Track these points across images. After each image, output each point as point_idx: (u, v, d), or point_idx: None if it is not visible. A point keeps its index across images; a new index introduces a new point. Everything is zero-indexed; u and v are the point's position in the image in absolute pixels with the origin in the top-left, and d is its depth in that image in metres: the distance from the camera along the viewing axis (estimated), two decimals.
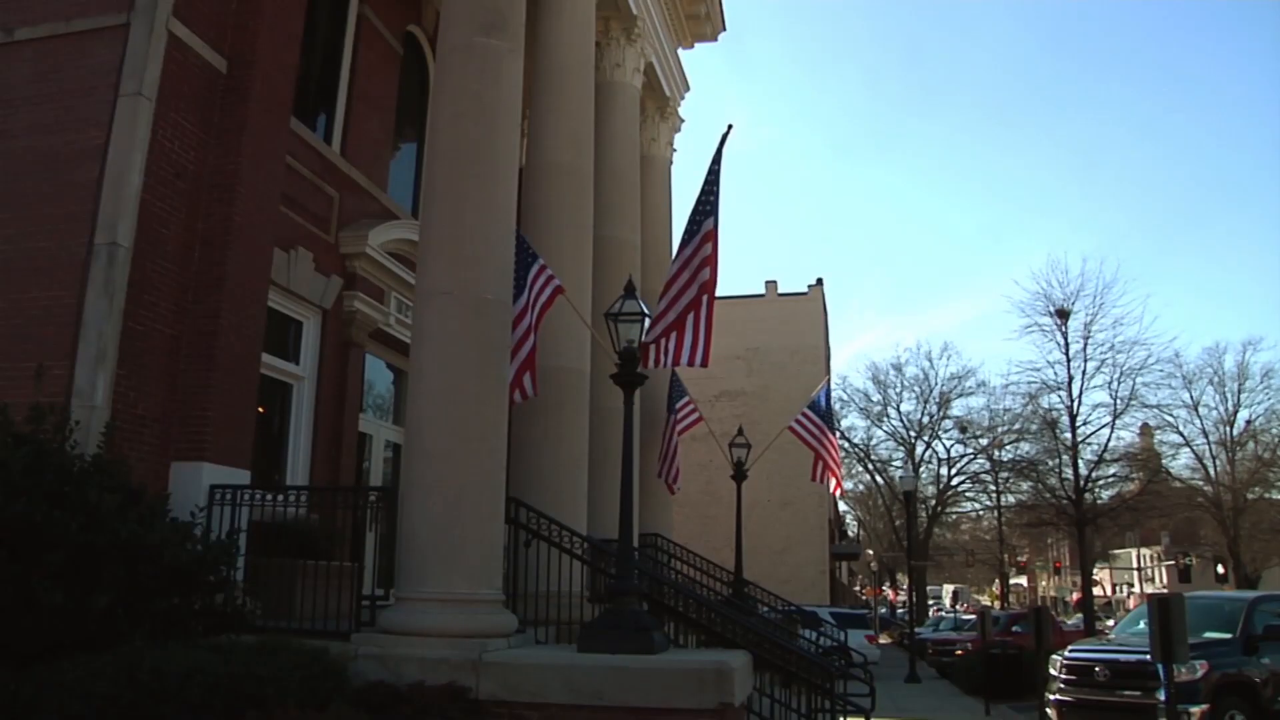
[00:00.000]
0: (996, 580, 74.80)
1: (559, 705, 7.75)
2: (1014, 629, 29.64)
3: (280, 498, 9.97)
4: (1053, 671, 15.94)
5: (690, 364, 10.96)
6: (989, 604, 72.15)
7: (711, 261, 10.37)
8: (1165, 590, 46.70)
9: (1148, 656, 11.85)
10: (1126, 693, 14.41)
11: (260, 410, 10.87)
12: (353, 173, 13.47)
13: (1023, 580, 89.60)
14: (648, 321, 9.61)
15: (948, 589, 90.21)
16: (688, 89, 21.36)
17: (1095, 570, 57.17)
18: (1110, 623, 42.89)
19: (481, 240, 9.42)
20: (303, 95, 12.23)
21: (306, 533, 9.89)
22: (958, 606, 74.24)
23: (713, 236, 10.49)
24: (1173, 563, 62.03)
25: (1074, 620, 43.62)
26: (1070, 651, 16.10)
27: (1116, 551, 76.01)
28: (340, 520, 10.07)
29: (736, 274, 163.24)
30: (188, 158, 10.12)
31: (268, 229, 10.76)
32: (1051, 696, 15.65)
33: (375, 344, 14.07)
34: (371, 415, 14.32)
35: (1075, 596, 73.93)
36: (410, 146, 16.27)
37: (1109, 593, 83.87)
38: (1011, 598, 77.10)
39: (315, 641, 7.84)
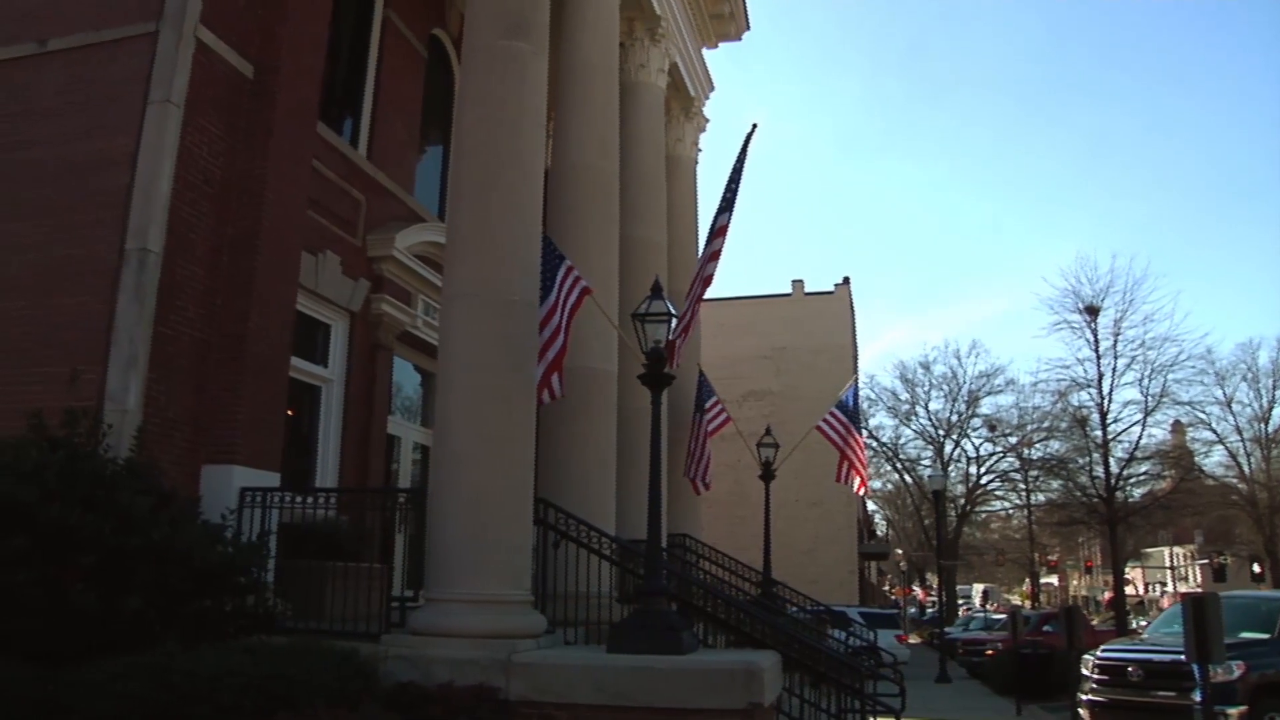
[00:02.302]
0: (1027, 579, 74.42)
1: (588, 706, 7.75)
2: (1045, 628, 29.40)
3: (310, 500, 10.02)
4: (1085, 672, 15.79)
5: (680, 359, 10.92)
6: (1019, 603, 71.70)
7: (718, 255, 10.40)
8: (1199, 589, 46.28)
9: (1182, 657, 11.69)
10: (1161, 694, 14.24)
11: (289, 413, 10.93)
12: (379, 176, 13.54)
13: (1053, 579, 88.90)
14: (674, 321, 9.59)
15: (978, 588, 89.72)
16: (712, 88, 21.33)
17: (1127, 569, 56.71)
18: (1143, 622, 42.53)
19: (508, 242, 9.44)
20: (329, 99, 12.30)
21: (336, 534, 9.95)
22: (988, 606, 73.72)
23: (724, 231, 10.50)
24: (1207, 561, 61.49)
25: (1106, 620, 43.22)
26: (1103, 651, 15.95)
27: (1149, 550, 75.41)
28: (369, 522, 10.12)
29: (760, 273, 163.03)
30: (215, 163, 10.20)
31: (295, 233, 10.82)
32: (1084, 697, 15.52)
33: (403, 346, 14.13)
34: (400, 417, 14.38)
35: (1107, 596, 73.31)
36: (436, 149, 16.33)
37: (1141, 592, 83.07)
38: (1042, 597, 76.64)
39: (345, 643, 7.88)
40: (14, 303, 9.66)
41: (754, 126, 10.91)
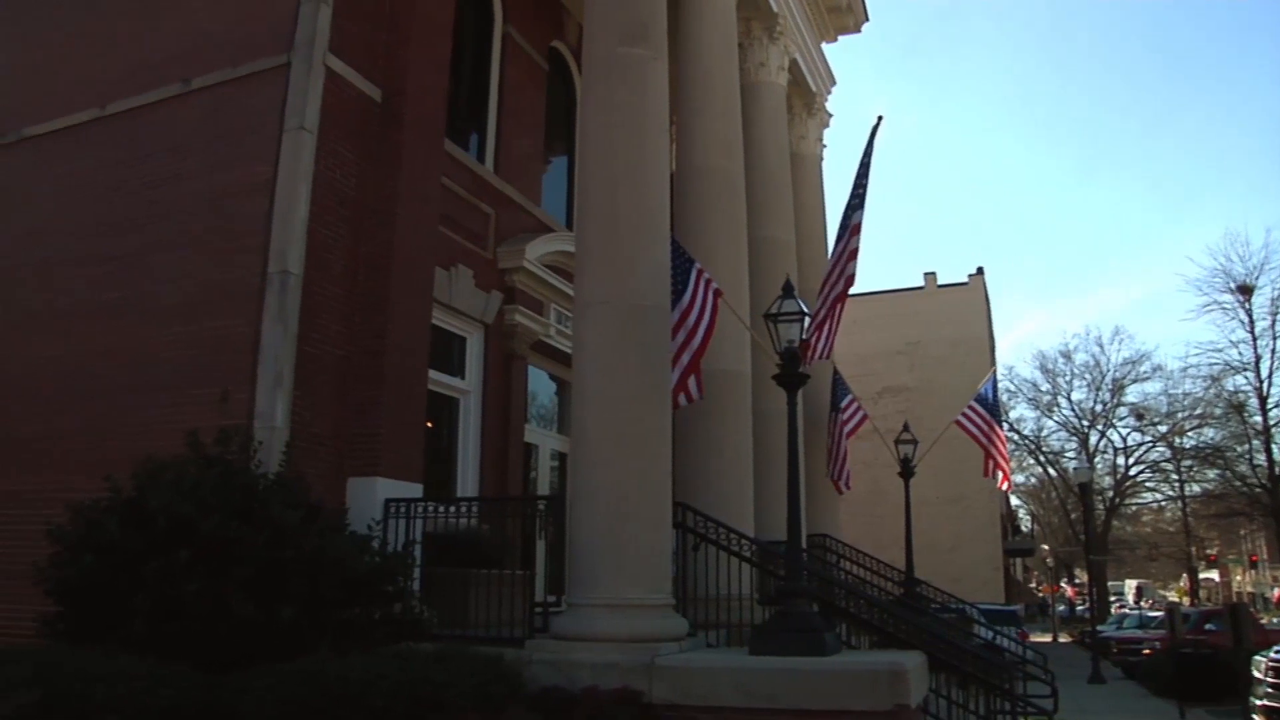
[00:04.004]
0: (1184, 575, 71.18)
1: (731, 708, 7.69)
2: (1206, 627, 27.99)
3: (452, 509, 10.23)
4: (1257, 674, 14.99)
5: (819, 359, 10.78)
6: (1177, 600, 68.63)
7: (855, 254, 10.24)
8: None
9: None
10: None
11: (429, 424, 11.16)
12: (506, 189, 13.76)
13: (1213, 575, 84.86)
14: (807, 320, 9.49)
15: (1130, 584, 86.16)
16: (833, 83, 21.08)
17: None
18: None
19: (636, 248, 9.48)
20: (454, 117, 12.56)
21: (478, 542, 10.11)
22: (1142, 603, 70.78)
23: (859, 229, 10.35)
24: None
25: (1277, 619, 41.02)
26: (1278, 652, 15.10)
27: None
28: (510, 529, 10.26)
29: (890, 266, 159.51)
30: (349, 185, 10.51)
31: (428, 249, 11.07)
32: (1258, 701, 14.73)
33: (537, 355, 14.32)
34: (536, 425, 14.57)
35: (1278, 593, 69.72)
36: (561, 160, 16.52)
37: None
38: (1202, 593, 73.20)
39: (490, 648, 7.98)
40: (169, 329, 10.15)
41: (879, 119, 10.70)
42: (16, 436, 10.88)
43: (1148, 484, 55.43)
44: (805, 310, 9.41)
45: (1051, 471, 57.73)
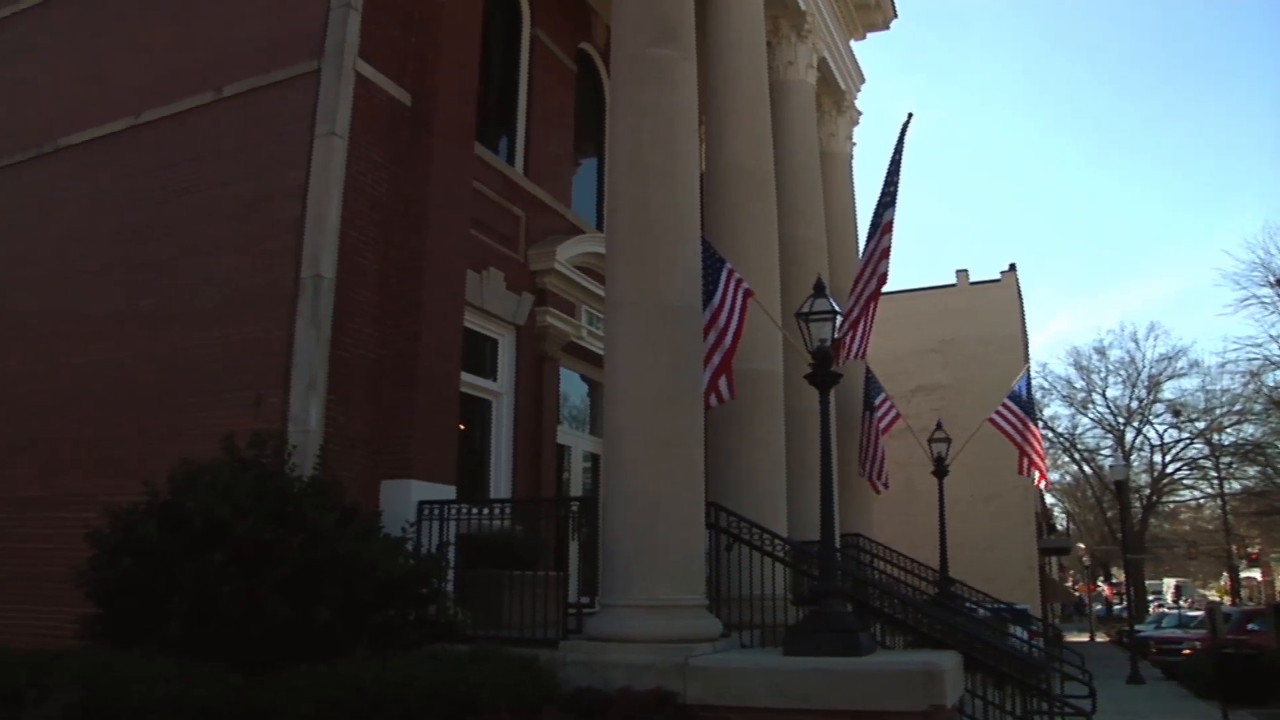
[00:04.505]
0: (1224, 573, 70.26)
1: (766, 709, 7.66)
2: (1249, 627, 27.58)
3: (485, 511, 10.25)
4: None
5: (854, 358, 10.73)
6: (1218, 599, 67.76)
7: (888, 253, 10.19)
8: None
9: None
10: None
11: (461, 427, 11.20)
12: (537, 191, 13.80)
13: (1255, 574, 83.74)
14: (839, 319, 9.45)
15: (1168, 583, 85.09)
16: (863, 80, 20.99)
17: None
18: None
19: (666, 248, 9.47)
20: (484, 119, 12.59)
21: (511, 544, 10.13)
22: (1181, 602, 69.93)
23: (891, 228, 10.30)
24: None
25: None
26: None
27: None
28: (543, 531, 10.28)
29: (922, 264, 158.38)
30: (380, 189, 10.58)
31: (459, 252, 11.11)
32: None
33: (569, 357, 14.34)
34: (568, 427, 14.59)
35: None
36: (590, 161, 16.55)
37: None
38: (1243, 592, 72.23)
39: (524, 649, 8.01)
40: (204, 333, 10.26)
41: (909, 116, 10.65)
42: (63, 441, 11.04)
43: (1185, 481, 54.78)
44: (837, 309, 9.36)
45: (1087, 469, 57.15)
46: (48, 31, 13.37)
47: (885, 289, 10.83)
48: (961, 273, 46.70)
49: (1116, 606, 67.13)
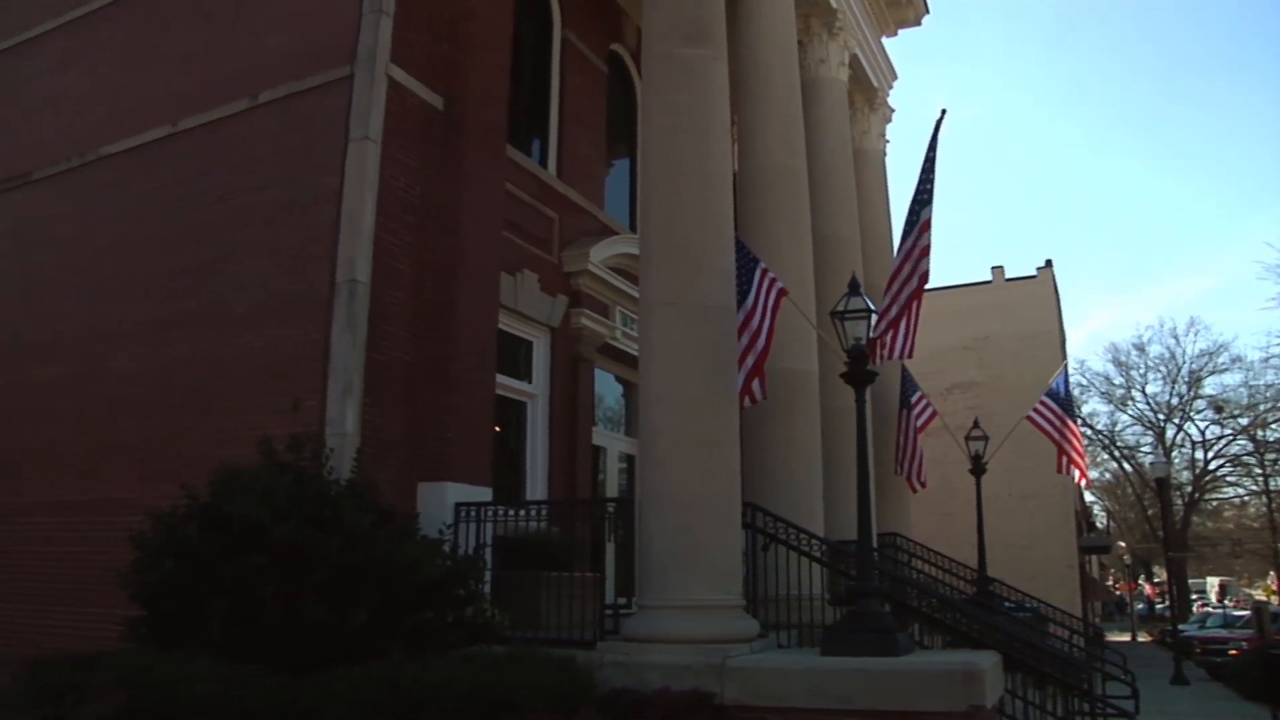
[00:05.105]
0: (1271, 572, 69.15)
1: (803, 710, 7.64)
2: None
3: (521, 512, 10.27)
4: None
5: (900, 357, 10.67)
6: (1265, 599, 66.67)
7: (928, 251, 10.12)
8: None
9: None
10: None
11: (497, 429, 11.25)
12: (570, 193, 13.83)
13: None
14: (874, 317, 9.40)
15: (1212, 582, 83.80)
16: (895, 77, 20.86)
17: None
18: None
19: (699, 249, 9.46)
20: (515, 122, 12.63)
21: (548, 545, 10.16)
22: (1226, 601, 68.88)
23: (929, 226, 10.23)
24: None
25: None
26: None
27: None
28: (579, 532, 10.29)
29: (956, 261, 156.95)
30: (414, 193, 10.64)
31: (493, 254, 11.16)
32: None
33: (603, 358, 14.36)
34: (603, 428, 14.61)
35: None
36: (623, 162, 16.56)
37: None
38: None
39: (561, 650, 8.01)
40: (242, 338, 10.37)
41: (943, 113, 10.57)
42: (103, 445, 11.21)
43: (1229, 478, 54.08)
44: (872, 307, 9.32)
45: (1127, 467, 56.55)
46: (88, 44, 13.56)
47: None
48: (997, 269, 46.35)
49: (1159, 605, 66.23)
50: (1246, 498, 57.08)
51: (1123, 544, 65.10)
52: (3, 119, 14.33)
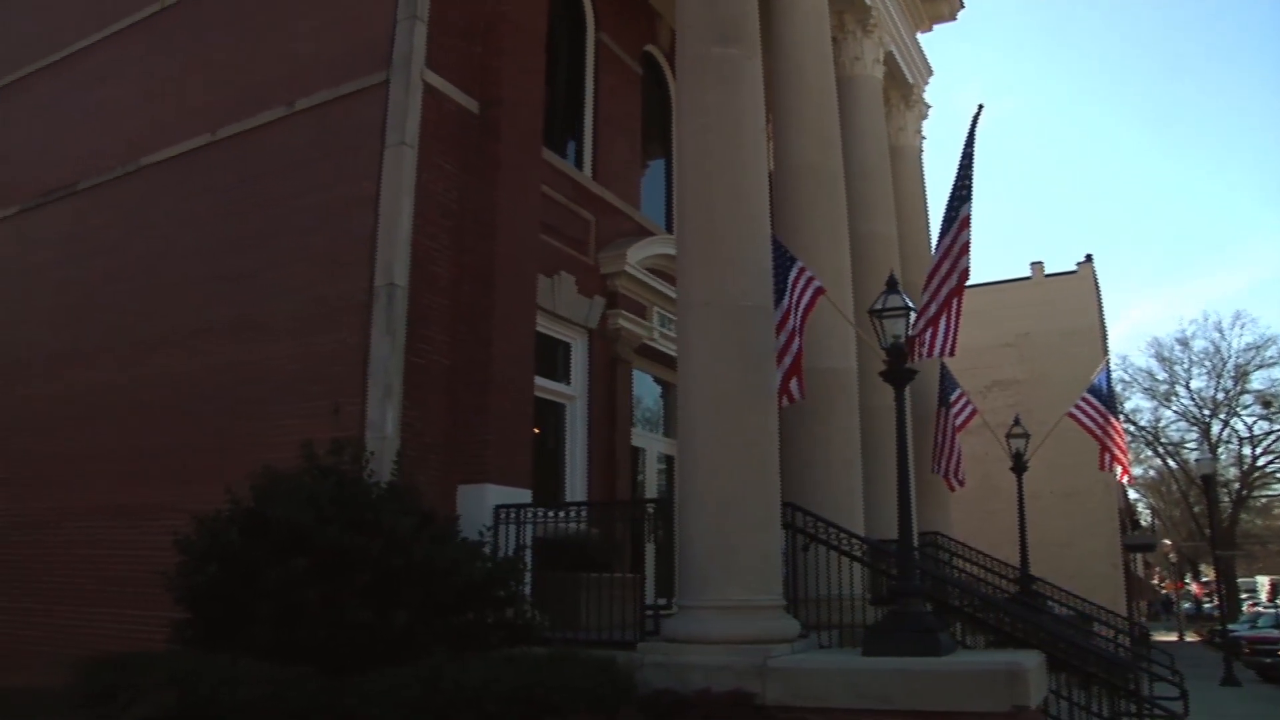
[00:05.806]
0: None
1: (845, 710, 7.58)
2: None
3: (561, 514, 10.29)
4: None
5: (941, 355, 10.57)
6: None
7: (968, 247, 10.01)
8: None
9: None
10: None
11: (536, 431, 11.28)
12: (605, 195, 13.85)
13: None
14: (913, 315, 9.33)
15: (1263, 580, 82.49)
16: (930, 73, 20.71)
17: None
18: None
19: (736, 248, 9.42)
20: (551, 126, 12.68)
21: (587, 547, 10.17)
22: (1278, 601, 67.74)
23: (968, 222, 10.13)
24: None
25: None
26: None
27: None
28: (619, 533, 10.30)
29: (995, 257, 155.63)
30: (450, 197, 10.69)
31: (530, 257, 11.19)
32: None
33: (641, 359, 14.36)
34: (642, 429, 14.61)
35: None
36: (658, 163, 16.57)
37: None
38: None
39: (601, 651, 8.00)
40: (282, 343, 10.47)
41: (980, 108, 10.46)
42: (146, 449, 11.37)
43: (1278, 475, 53.12)
44: (910, 305, 9.25)
45: (1171, 463, 55.70)
46: (129, 55, 13.76)
47: None
48: (1036, 265, 45.95)
49: (1206, 605, 65.25)
50: None
51: (1168, 542, 64.18)
52: (49, 131, 14.58)
